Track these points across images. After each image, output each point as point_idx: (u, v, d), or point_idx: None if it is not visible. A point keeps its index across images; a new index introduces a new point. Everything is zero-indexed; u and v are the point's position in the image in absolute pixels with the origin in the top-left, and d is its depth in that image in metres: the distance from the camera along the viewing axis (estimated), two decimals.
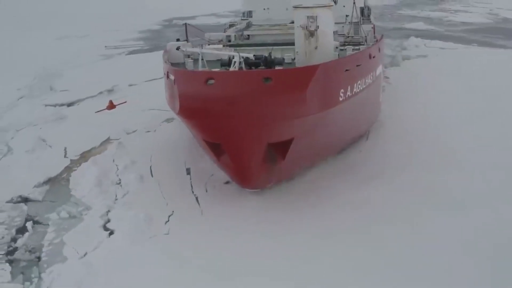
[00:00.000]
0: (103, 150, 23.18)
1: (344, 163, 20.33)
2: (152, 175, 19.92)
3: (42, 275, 13.71)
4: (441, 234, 14.71)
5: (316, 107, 16.23)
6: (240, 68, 15.94)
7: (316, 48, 18.80)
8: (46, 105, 32.31)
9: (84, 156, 22.59)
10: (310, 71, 15.97)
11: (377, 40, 24.59)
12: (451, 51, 45.49)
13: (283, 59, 17.98)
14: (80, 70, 42.64)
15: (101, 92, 34.87)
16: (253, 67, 16.26)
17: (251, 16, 31.37)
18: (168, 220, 16.46)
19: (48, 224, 16.63)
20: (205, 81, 15.11)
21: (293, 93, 15.48)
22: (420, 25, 64.09)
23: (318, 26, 18.43)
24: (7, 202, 18.02)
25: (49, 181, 20.09)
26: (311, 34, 18.58)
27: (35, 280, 13.65)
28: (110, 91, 35.21)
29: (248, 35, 26.36)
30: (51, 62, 46.05)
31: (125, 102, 29.94)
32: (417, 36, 52.30)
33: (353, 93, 18.42)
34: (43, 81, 39.80)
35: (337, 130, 19.19)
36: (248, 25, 29.73)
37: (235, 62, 16.01)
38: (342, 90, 17.45)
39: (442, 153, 20.62)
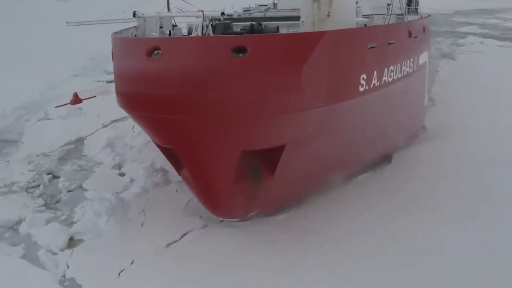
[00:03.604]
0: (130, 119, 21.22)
1: None
2: None
3: (74, 209, 13.58)
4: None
5: (321, 98, 10.38)
6: (206, 35, 10.21)
7: (328, 15, 12.01)
8: (98, 81, 31.83)
9: (112, 124, 21.18)
10: (309, 39, 9.96)
11: (421, 17, 18.36)
12: (508, 49, 42.24)
13: (278, 29, 12.11)
14: None
15: None
16: None
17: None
18: None
19: (65, 175, 16.25)
20: (149, 52, 9.48)
21: (281, 72, 9.59)
22: (474, 29, 58.78)
23: None
24: (37, 155, 17.97)
25: (71, 142, 19.38)
26: None
27: (67, 212, 13.53)
28: None
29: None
30: (107, 49, 44.79)
31: (95, 96, 26.23)
32: (474, 35, 48.53)
33: (383, 82, 12.31)
34: (97, 63, 39.06)
35: (355, 135, 12.81)
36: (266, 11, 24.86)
37: (197, 26, 10.30)
38: (363, 76, 11.45)
39: (494, 126, 18.75)
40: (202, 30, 10.16)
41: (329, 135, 11.55)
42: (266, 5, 22.40)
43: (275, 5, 24.15)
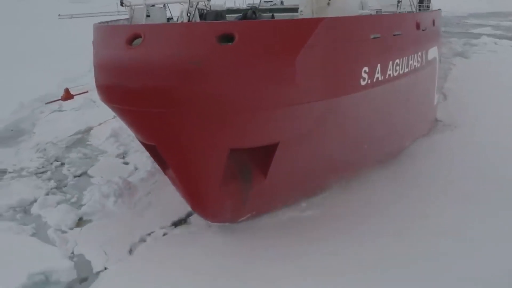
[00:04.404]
0: None
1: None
2: None
3: (84, 192, 13.83)
4: None
5: (317, 92, 9.48)
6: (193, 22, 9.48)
7: (328, 4, 11.04)
8: None
9: None
10: (304, 26, 9.06)
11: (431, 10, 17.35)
12: None
13: (273, 17, 10.98)
14: None
15: None
16: None
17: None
18: None
19: (71, 163, 16.63)
20: (129, 40, 8.61)
21: (272, 62, 8.71)
22: (487, 30, 57.74)
23: None
24: (46, 143, 18.43)
25: (80, 132, 19.93)
26: None
27: (76, 195, 13.80)
28: None
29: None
30: None
31: (87, 92, 24.67)
32: (488, 36, 48.09)
33: (387, 76, 11.32)
34: None
35: (356, 133, 11.78)
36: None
37: (182, 12, 9.75)
38: (365, 69, 10.45)
39: (506, 121, 18.62)
40: (188, 16, 9.40)
41: (327, 133, 10.54)
42: (271, 1, 21.35)
43: (282, 3, 23.56)
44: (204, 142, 9.07)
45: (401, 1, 14.85)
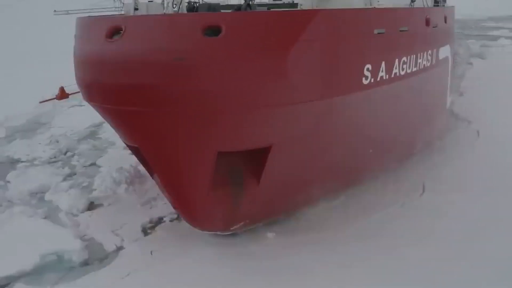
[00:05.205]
0: None
1: None
2: None
3: (94, 178, 14.12)
4: None
5: (314, 90, 8.74)
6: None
7: None
8: None
9: None
10: (298, 18, 8.35)
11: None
12: None
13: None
14: None
15: None
16: None
17: None
18: None
19: (80, 154, 17.09)
20: (109, 33, 7.94)
21: (262, 57, 7.95)
22: (505, 32, 56.80)
23: None
24: (59, 135, 19.13)
25: (94, 125, 20.59)
26: None
27: (87, 180, 14.19)
28: None
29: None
30: None
31: None
32: (506, 38, 47.26)
33: (393, 75, 10.48)
34: None
35: (358, 137, 10.87)
36: None
37: (167, 3, 9.22)
38: (368, 67, 9.63)
39: None
40: (174, 7, 8.82)
41: (326, 135, 9.71)
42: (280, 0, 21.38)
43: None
44: (189, 144, 8.39)
45: (415, 0, 13.92)
